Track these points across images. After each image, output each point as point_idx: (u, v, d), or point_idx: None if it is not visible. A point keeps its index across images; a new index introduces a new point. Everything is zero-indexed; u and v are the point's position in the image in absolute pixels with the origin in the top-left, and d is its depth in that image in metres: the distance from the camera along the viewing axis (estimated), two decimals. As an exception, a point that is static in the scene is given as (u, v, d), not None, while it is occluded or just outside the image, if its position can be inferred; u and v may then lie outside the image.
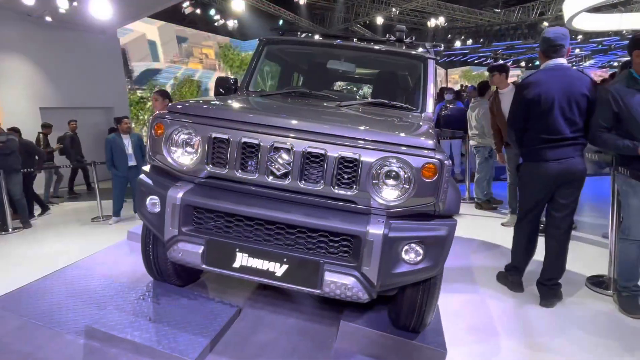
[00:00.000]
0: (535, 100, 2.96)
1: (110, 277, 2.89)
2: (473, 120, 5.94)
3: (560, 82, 2.94)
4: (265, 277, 1.97)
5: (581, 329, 2.89)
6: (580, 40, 21.11)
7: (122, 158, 6.07)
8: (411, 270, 1.95)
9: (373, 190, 1.94)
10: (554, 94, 2.91)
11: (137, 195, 2.23)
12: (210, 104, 2.28)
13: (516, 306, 3.21)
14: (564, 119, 2.93)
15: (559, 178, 2.99)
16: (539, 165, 3.03)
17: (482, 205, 6.05)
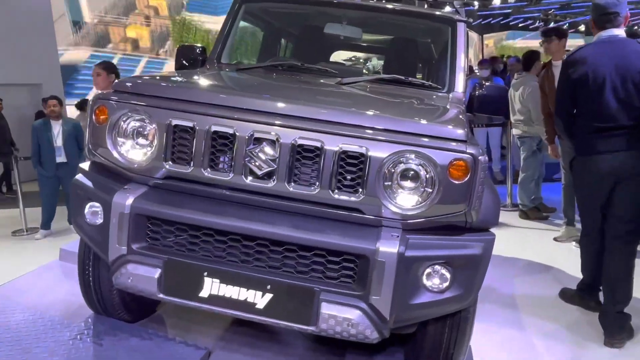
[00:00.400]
0: (583, 80, 3.08)
1: (36, 310, 2.86)
2: (516, 103, 5.96)
3: (613, 58, 3.03)
4: (242, 310, 1.96)
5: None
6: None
7: (49, 152, 6.02)
8: (435, 300, 1.95)
9: (385, 195, 1.94)
10: (605, 72, 3.02)
11: (72, 201, 2.23)
12: (169, 81, 2.28)
13: (574, 347, 3.23)
14: (618, 102, 3.02)
15: (614, 175, 3.08)
16: (589, 159, 3.16)
17: (529, 214, 6.08)
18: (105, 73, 4.60)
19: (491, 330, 3.37)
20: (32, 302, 2.99)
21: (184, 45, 3.21)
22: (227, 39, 3.27)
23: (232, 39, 3.34)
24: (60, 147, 6.07)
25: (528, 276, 4.39)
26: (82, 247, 2.48)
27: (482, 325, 3.24)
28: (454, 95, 2.84)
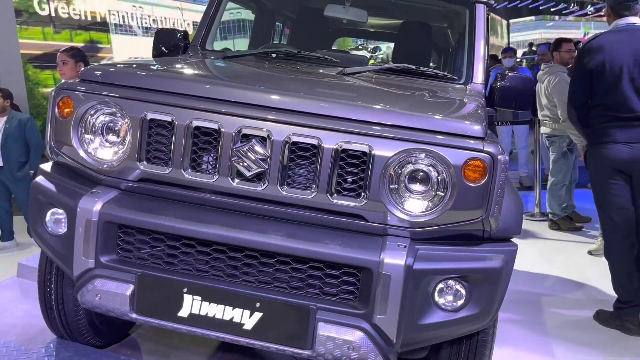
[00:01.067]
0: (600, 69, 3.38)
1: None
2: (542, 97, 5.97)
3: (630, 46, 3.35)
4: (227, 331, 1.97)
5: None
6: None
7: None
8: (449, 320, 1.96)
9: (390, 200, 1.96)
10: (622, 60, 3.32)
11: (31, 208, 2.23)
12: (145, 69, 2.30)
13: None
14: (635, 91, 3.32)
15: (632, 166, 3.36)
16: (605, 147, 3.44)
17: (560, 224, 6.09)
18: (73, 61, 4.59)
19: (515, 357, 3.37)
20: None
21: (163, 29, 3.23)
22: (212, 23, 3.28)
23: (218, 22, 3.35)
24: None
25: (558, 294, 4.39)
26: (44, 261, 2.48)
27: (503, 350, 3.25)
28: (472, 87, 2.86)
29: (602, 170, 3.52)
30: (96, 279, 2.05)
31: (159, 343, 2.83)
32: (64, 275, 2.43)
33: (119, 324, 2.74)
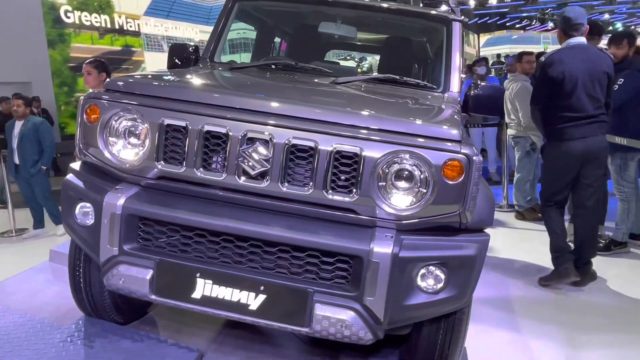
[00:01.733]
0: (560, 78, 3.70)
1: (26, 312, 2.86)
2: (508, 103, 6.00)
3: (582, 61, 3.74)
4: (235, 311, 1.97)
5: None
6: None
7: (10, 155, 5.93)
8: (430, 301, 1.96)
9: (379, 196, 1.96)
10: (577, 72, 3.69)
11: (63, 202, 2.23)
12: (161, 80, 2.29)
13: (568, 348, 3.25)
14: (587, 96, 3.72)
15: (584, 157, 3.79)
16: (563, 144, 3.82)
17: (525, 214, 6.12)
18: (96, 72, 4.57)
19: (486, 332, 3.39)
20: (22, 304, 2.99)
21: (177, 44, 3.21)
22: (220, 38, 3.27)
23: (225, 37, 3.34)
24: (14, 149, 5.92)
25: (524, 277, 4.41)
26: (73, 248, 2.48)
27: (477, 327, 3.26)
28: (449, 95, 2.86)
29: (561, 163, 3.88)
30: (120, 265, 2.05)
31: (174, 321, 2.84)
32: (91, 261, 2.42)
33: (139, 304, 2.74)
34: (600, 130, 3.81)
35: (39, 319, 2.80)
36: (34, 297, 3.10)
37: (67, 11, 10.43)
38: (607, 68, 3.80)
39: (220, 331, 2.79)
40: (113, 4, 10.98)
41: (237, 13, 3.37)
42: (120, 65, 11.09)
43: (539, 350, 3.22)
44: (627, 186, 4.72)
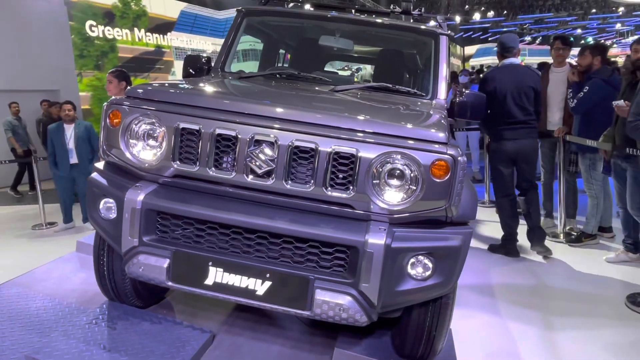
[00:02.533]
0: (493, 92, 4.23)
1: (55, 297, 2.87)
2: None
3: (513, 77, 4.28)
4: (243, 296, 1.97)
5: (617, 356, 2.94)
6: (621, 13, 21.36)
7: (62, 154, 5.95)
8: (418, 287, 1.96)
9: (373, 192, 1.96)
10: (507, 87, 4.24)
11: (88, 197, 2.23)
12: (177, 88, 2.28)
13: (543, 329, 3.26)
14: (516, 106, 4.26)
15: (516, 154, 4.34)
16: (500, 143, 4.39)
17: (505, 210, 6.11)
18: (117, 80, 4.58)
19: (470, 315, 3.40)
20: (51, 289, 3.00)
21: (191, 55, 3.20)
22: (230, 50, 3.27)
23: (235, 49, 3.34)
24: (72, 149, 6.00)
25: (503, 266, 4.42)
26: (97, 239, 2.48)
27: (461, 311, 3.28)
28: (437, 101, 2.86)
29: (500, 160, 4.42)
30: (140, 255, 2.05)
31: (188, 305, 2.84)
32: (114, 251, 2.42)
33: (157, 290, 2.74)
34: (530, 134, 4.36)
35: (67, 304, 2.81)
36: (62, 284, 3.10)
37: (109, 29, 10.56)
38: (533, 83, 4.33)
39: (230, 314, 2.79)
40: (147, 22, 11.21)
41: (246, 27, 3.37)
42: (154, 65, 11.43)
43: (517, 331, 3.23)
44: (595, 184, 4.73)
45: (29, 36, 10.09)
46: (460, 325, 3.08)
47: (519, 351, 2.99)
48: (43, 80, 10.50)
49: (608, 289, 3.90)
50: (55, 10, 10.79)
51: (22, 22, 10.00)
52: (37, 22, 10.29)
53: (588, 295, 3.79)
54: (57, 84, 10.78)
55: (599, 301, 3.69)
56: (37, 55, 10.25)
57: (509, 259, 4.58)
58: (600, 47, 4.89)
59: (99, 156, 2.31)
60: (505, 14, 21.57)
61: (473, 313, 3.45)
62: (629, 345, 3.07)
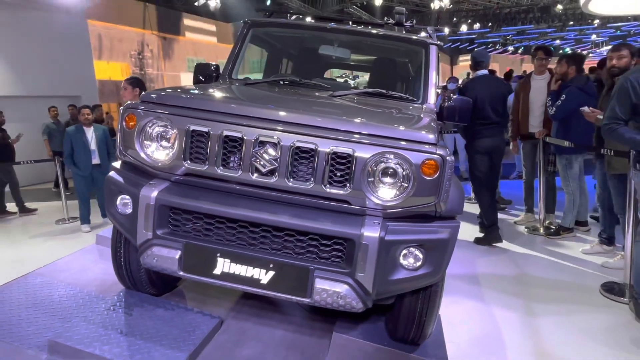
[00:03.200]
0: (475, 98, 4.47)
1: (76, 286, 2.87)
2: None
3: (489, 86, 4.63)
4: (249, 285, 1.97)
5: (593, 340, 2.94)
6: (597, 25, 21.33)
7: (84, 155, 5.93)
8: (410, 276, 1.96)
9: (368, 189, 1.95)
10: (483, 94, 4.56)
11: (106, 194, 2.22)
12: (188, 93, 2.27)
13: (525, 315, 3.26)
14: (492, 110, 4.57)
15: (491, 148, 4.63)
16: (480, 140, 4.64)
17: (489, 206, 6.10)
18: (131, 87, 4.57)
19: (457, 302, 3.40)
20: (73, 279, 2.99)
21: (201, 64, 3.19)
22: (237, 58, 3.25)
23: (242, 58, 3.32)
24: (95, 150, 6.00)
25: (489, 256, 4.42)
26: (115, 233, 2.47)
27: (449, 298, 3.28)
28: (427, 106, 2.84)
29: (477, 152, 4.65)
30: (154, 247, 2.05)
31: (198, 293, 2.83)
32: (130, 244, 2.42)
33: (170, 279, 2.74)
34: (501, 132, 4.76)
35: (87, 292, 2.80)
36: (83, 274, 3.09)
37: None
38: (504, 91, 4.76)
39: (237, 301, 2.78)
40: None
41: (251, 38, 3.35)
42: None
43: (501, 316, 3.22)
44: (572, 182, 4.72)
45: (54, 48, 10.10)
46: (448, 311, 3.08)
47: (502, 335, 2.99)
48: (67, 87, 10.51)
49: (584, 278, 3.90)
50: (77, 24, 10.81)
51: (49, 35, 10.02)
52: (61, 35, 10.31)
53: (566, 284, 3.79)
54: (79, 90, 10.79)
55: (576, 289, 3.69)
56: (61, 65, 10.27)
57: (494, 250, 4.57)
58: (577, 56, 4.88)
59: (116, 156, 2.29)
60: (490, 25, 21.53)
61: (460, 300, 3.44)
62: (605, 330, 3.07)
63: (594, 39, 24.80)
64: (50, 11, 9.99)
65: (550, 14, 20.10)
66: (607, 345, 2.89)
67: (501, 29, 22.17)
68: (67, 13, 10.37)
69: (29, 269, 3.15)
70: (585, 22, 20.68)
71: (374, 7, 18.06)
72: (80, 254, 3.50)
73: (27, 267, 3.36)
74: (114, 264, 2.54)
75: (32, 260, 4.61)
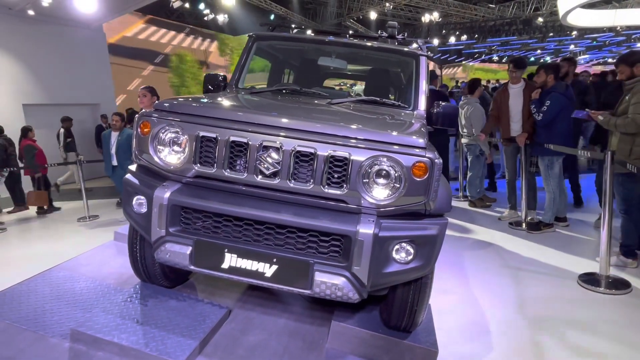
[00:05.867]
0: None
1: (96, 279, 2.88)
2: (462, 119, 5.99)
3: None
4: (254, 277, 1.97)
5: (573, 327, 2.94)
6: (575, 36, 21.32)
7: (107, 157, 5.97)
8: (402, 269, 1.96)
9: (363, 190, 1.95)
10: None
11: (123, 195, 2.22)
12: (198, 102, 2.28)
13: (509, 305, 3.25)
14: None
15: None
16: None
17: (476, 203, 6.10)
18: (149, 95, 4.58)
19: (446, 292, 3.40)
20: (93, 272, 3.00)
21: (209, 74, 3.19)
22: (243, 69, 3.25)
23: (247, 69, 3.32)
24: (113, 154, 6.00)
25: (475, 250, 4.42)
26: (131, 230, 2.48)
27: (439, 288, 3.27)
28: (417, 112, 2.84)
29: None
30: (167, 243, 2.05)
31: (208, 285, 2.84)
32: (145, 240, 2.42)
33: (181, 273, 2.74)
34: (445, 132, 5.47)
35: (106, 284, 2.81)
36: (102, 268, 3.10)
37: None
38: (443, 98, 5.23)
39: (243, 293, 2.79)
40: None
41: (256, 50, 3.35)
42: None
43: (486, 306, 3.22)
44: (552, 181, 4.72)
45: (75, 59, 10.12)
46: (438, 301, 3.08)
47: (487, 323, 2.99)
48: (86, 96, 10.53)
49: (563, 270, 3.89)
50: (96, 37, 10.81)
51: (70, 48, 10.03)
52: (82, 47, 10.31)
53: (546, 276, 3.79)
54: (98, 98, 10.80)
55: (555, 280, 3.68)
56: (82, 75, 10.28)
57: (480, 244, 4.57)
58: (553, 65, 4.88)
59: (132, 160, 2.30)
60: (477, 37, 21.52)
61: (449, 290, 3.44)
62: (586, 319, 3.06)
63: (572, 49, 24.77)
64: (72, 25, 10.00)
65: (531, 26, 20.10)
66: (586, 331, 2.89)
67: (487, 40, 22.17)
68: (87, 27, 10.38)
69: (53, 264, 3.16)
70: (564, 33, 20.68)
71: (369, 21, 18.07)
72: (99, 249, 3.51)
73: (51, 261, 3.36)
74: (131, 258, 2.55)
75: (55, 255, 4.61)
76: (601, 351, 2.68)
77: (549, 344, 2.74)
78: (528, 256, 4.24)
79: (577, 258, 4.14)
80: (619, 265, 3.86)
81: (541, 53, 25.50)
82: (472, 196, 6.13)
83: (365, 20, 18.91)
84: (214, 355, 2.17)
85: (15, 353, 2.10)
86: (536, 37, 21.39)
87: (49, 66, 9.55)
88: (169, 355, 2.03)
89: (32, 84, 9.31)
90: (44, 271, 2.98)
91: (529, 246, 4.50)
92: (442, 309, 3.05)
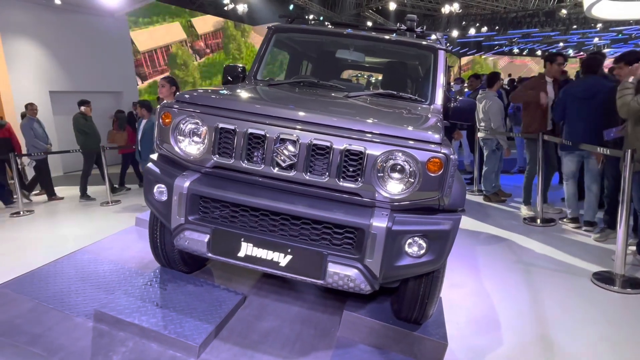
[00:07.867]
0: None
1: (118, 263, 2.95)
2: (480, 113, 5.88)
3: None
4: (269, 266, 1.99)
5: (583, 323, 2.91)
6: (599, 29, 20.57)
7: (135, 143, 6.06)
8: (414, 263, 1.96)
9: (378, 184, 1.95)
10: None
11: (145, 183, 2.26)
12: (217, 94, 2.29)
13: (520, 300, 3.23)
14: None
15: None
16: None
17: (491, 197, 6.03)
18: (169, 85, 4.63)
19: (457, 285, 3.39)
20: (115, 256, 3.07)
21: (229, 65, 3.20)
22: (261, 61, 3.25)
23: (266, 60, 3.32)
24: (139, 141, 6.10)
25: (488, 245, 4.38)
26: (152, 217, 2.52)
27: (450, 281, 3.27)
28: (434, 106, 2.80)
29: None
30: (186, 231, 2.08)
31: (225, 272, 2.88)
32: (165, 227, 2.47)
33: (199, 259, 2.78)
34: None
35: (127, 268, 2.87)
36: (123, 252, 3.17)
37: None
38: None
39: (258, 280, 2.82)
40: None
41: (275, 42, 3.35)
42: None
43: (497, 300, 3.21)
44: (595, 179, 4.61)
45: (99, 48, 10.27)
46: (449, 294, 3.08)
47: (498, 316, 2.97)
48: (110, 84, 10.70)
49: (577, 267, 3.83)
50: (119, 26, 10.93)
51: (95, 37, 10.17)
52: (106, 36, 10.45)
53: (560, 272, 3.74)
54: (121, 86, 10.96)
55: (569, 276, 3.63)
56: (105, 64, 10.44)
57: (493, 239, 4.52)
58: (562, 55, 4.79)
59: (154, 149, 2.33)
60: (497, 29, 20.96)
61: (460, 284, 3.43)
62: (599, 317, 3.03)
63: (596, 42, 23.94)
64: (96, 14, 10.13)
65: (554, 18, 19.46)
66: (598, 329, 2.86)
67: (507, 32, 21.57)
68: (111, 16, 10.50)
69: (78, 247, 3.25)
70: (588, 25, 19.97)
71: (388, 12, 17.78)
72: (122, 234, 3.59)
73: (76, 244, 3.46)
74: (151, 244, 2.60)
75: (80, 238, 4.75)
76: (613, 349, 2.65)
77: (560, 341, 2.72)
78: (542, 252, 4.18)
79: (591, 256, 4.07)
80: (634, 264, 3.78)
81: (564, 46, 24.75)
82: (487, 191, 6.06)
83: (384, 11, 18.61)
84: (229, 339, 2.22)
85: (44, 330, 2.18)
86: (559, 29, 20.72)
87: (74, 54, 9.73)
88: (186, 338, 2.08)
89: (58, 71, 9.50)
90: (69, 253, 3.07)
91: (544, 242, 4.44)
92: (453, 302, 3.05)
